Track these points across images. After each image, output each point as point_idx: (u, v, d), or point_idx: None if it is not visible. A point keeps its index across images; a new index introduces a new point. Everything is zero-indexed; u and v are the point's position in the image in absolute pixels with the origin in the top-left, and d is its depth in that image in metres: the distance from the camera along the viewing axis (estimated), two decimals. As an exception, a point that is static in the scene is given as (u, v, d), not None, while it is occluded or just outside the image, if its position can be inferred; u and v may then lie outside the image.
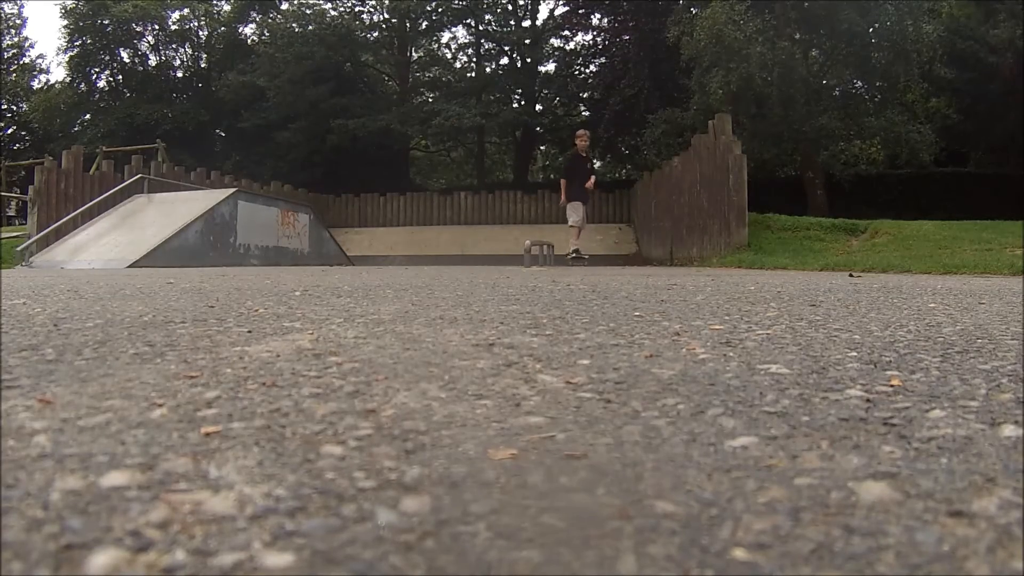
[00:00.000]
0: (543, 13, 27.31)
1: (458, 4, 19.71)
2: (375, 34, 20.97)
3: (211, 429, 0.59)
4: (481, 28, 20.27)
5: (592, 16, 17.47)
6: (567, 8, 18.15)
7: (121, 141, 19.66)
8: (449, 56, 22.80)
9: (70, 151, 10.57)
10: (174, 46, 24.94)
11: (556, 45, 20.14)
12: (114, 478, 0.46)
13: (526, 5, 20.06)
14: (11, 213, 21.21)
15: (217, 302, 1.88)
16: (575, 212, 8.81)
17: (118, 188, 9.71)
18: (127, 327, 1.27)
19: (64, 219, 8.92)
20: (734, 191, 8.98)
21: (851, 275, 4.24)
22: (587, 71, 19.03)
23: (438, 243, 14.19)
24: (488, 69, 20.68)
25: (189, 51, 25.14)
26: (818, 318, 1.50)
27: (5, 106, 25.75)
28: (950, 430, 0.60)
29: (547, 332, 1.24)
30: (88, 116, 24.45)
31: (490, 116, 17.80)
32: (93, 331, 1.21)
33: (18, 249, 8.34)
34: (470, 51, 21.90)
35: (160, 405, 0.67)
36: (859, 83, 14.46)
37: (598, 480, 0.47)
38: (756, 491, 0.45)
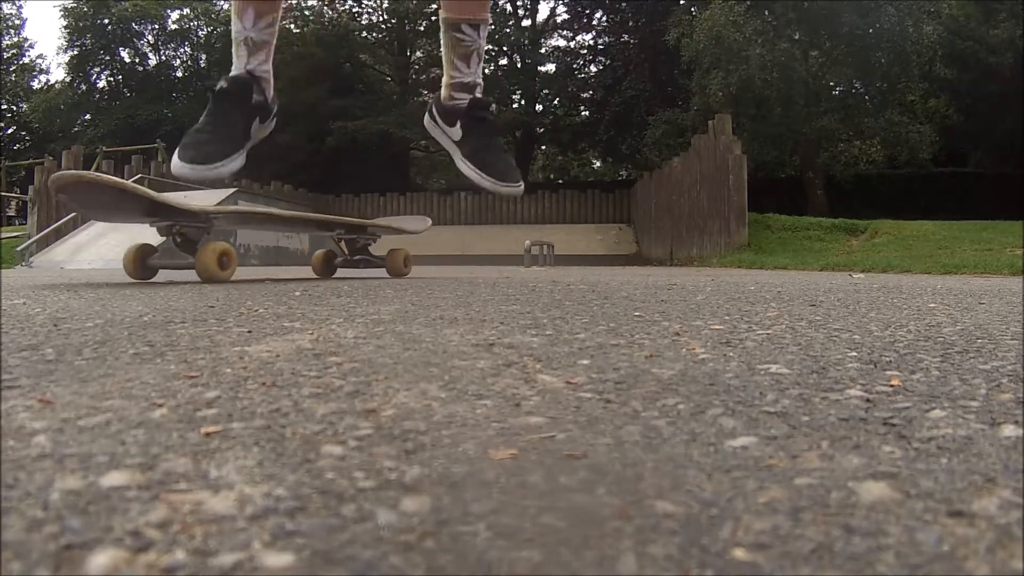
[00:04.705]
0: (543, 13, 27.29)
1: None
2: (374, 35, 20.96)
3: (211, 429, 0.59)
4: (481, 28, 20.26)
5: (593, 17, 17.50)
6: (567, 10, 18.15)
7: (121, 141, 19.66)
8: (449, 56, 22.79)
9: (70, 151, 10.57)
10: (173, 46, 24.94)
11: (556, 45, 20.12)
12: (114, 478, 0.46)
13: (525, 5, 20.05)
14: (11, 213, 21.21)
15: (217, 302, 1.88)
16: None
17: (118, 188, 9.69)
18: (127, 327, 1.27)
19: (64, 219, 8.92)
20: (734, 191, 8.99)
21: (850, 275, 4.23)
22: (588, 72, 19.03)
23: (438, 243, 14.18)
24: (488, 70, 20.69)
25: (189, 51, 25.14)
26: (818, 318, 1.50)
27: (5, 106, 25.75)
28: (950, 430, 0.60)
29: (547, 332, 1.24)
30: (88, 116, 24.46)
31: (490, 117, 17.77)
32: (93, 331, 1.21)
33: (18, 249, 8.34)
34: (469, 51, 21.91)
35: (160, 405, 0.67)
36: (859, 83, 14.46)
37: (598, 480, 0.47)
38: (756, 491, 0.45)
